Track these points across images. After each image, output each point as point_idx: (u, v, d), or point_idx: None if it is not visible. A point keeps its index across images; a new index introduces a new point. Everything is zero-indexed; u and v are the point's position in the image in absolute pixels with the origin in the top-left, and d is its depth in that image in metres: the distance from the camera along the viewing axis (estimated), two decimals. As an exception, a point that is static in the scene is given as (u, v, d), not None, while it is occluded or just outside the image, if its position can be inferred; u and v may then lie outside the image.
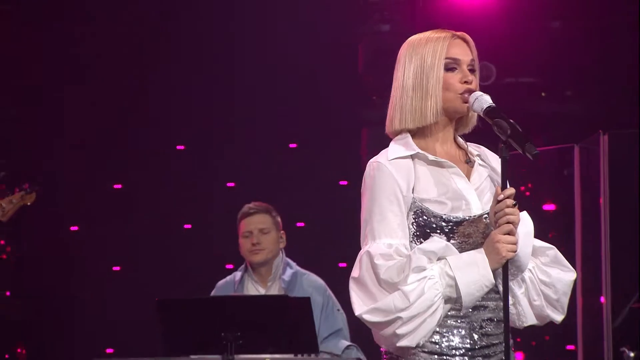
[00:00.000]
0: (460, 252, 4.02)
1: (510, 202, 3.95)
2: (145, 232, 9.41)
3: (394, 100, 4.20)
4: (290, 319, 6.19)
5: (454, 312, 4.01)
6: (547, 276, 4.16)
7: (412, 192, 4.05)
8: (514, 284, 4.04)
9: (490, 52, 8.95)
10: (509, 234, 3.96)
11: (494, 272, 3.99)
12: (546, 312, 4.18)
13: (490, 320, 4.06)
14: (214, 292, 6.98)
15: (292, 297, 6.52)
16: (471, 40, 4.19)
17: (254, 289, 6.86)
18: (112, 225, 9.44)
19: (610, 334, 6.65)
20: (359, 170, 9.26)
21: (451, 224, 4.04)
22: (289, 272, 6.87)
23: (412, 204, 4.04)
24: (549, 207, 7.80)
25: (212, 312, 6.24)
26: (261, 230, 6.81)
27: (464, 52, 4.15)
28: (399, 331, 3.94)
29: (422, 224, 4.04)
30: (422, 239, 4.03)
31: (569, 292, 4.20)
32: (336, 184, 9.26)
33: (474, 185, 4.13)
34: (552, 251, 4.19)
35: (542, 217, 7.26)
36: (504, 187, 3.97)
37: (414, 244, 4.03)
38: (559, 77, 9.07)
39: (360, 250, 4.12)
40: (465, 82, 4.11)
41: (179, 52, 9.35)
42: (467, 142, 4.26)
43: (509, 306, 4.02)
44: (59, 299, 9.43)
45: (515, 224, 3.97)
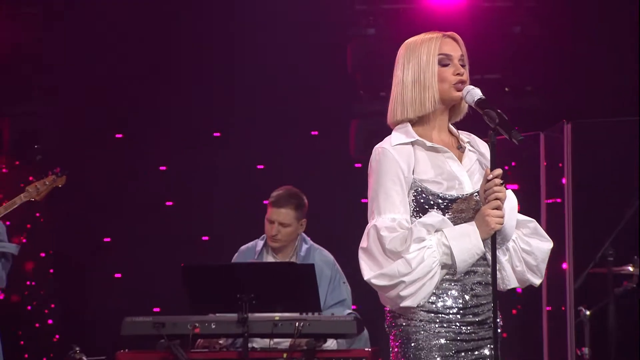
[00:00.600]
0: (454, 225, 4.05)
1: (498, 181, 4.00)
2: (184, 209, 9.44)
3: (395, 94, 4.23)
4: (296, 283, 6.23)
5: (448, 277, 4.05)
6: (528, 245, 4.20)
7: (413, 174, 4.09)
8: (499, 252, 4.06)
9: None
10: (497, 209, 4.00)
11: (484, 241, 4.03)
12: (527, 276, 4.22)
13: (479, 283, 4.10)
14: (236, 256, 6.95)
15: (298, 264, 6.55)
16: (460, 38, 4.26)
17: (271, 258, 6.83)
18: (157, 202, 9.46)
19: (572, 296, 6.67)
20: (348, 154, 9.37)
21: (446, 201, 4.08)
22: (304, 248, 6.85)
23: (412, 183, 4.08)
24: (513, 186, 7.85)
25: (229, 277, 6.28)
26: (282, 224, 6.73)
27: (454, 49, 4.21)
28: (402, 293, 3.97)
29: (421, 201, 4.07)
30: (421, 214, 4.06)
31: (547, 259, 4.25)
32: (328, 164, 9.22)
33: (466, 167, 4.18)
34: (533, 224, 4.23)
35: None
36: (492, 168, 4.01)
37: (414, 218, 4.07)
38: (520, 74, 9.07)
39: (366, 224, 4.14)
40: (457, 74, 4.16)
41: (190, 53, 9.28)
42: (458, 131, 4.29)
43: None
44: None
45: (502, 200, 4.02)
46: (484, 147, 4.27)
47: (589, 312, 6.85)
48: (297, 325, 6.08)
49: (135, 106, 9.42)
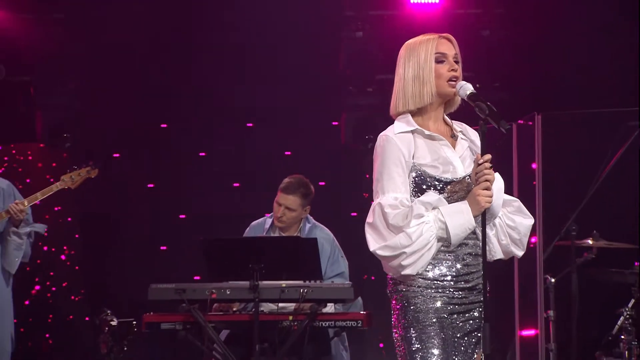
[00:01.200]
0: (449, 204, 4.06)
1: (487, 165, 4.02)
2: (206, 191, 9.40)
3: (397, 89, 4.24)
4: (301, 254, 6.23)
5: (443, 248, 4.06)
6: (512, 221, 4.22)
7: (413, 158, 4.10)
8: (487, 227, 4.06)
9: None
10: (486, 189, 4.01)
11: (475, 218, 4.04)
12: (510, 248, 4.24)
13: (470, 254, 4.12)
14: (247, 230, 6.92)
15: (302, 237, 6.55)
16: (454, 39, 4.26)
17: (278, 234, 6.83)
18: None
19: (541, 266, 6.69)
20: (339, 141, 9.36)
21: (442, 183, 4.10)
22: (307, 227, 6.83)
23: (412, 167, 4.09)
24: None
25: (242, 249, 6.26)
26: (288, 208, 6.69)
27: (449, 48, 4.21)
28: (403, 263, 3.99)
29: (420, 182, 4.09)
30: (419, 194, 4.08)
31: (528, 233, 4.27)
32: (320, 150, 9.21)
33: (459, 153, 4.19)
34: (517, 203, 4.26)
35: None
36: (483, 154, 4.02)
37: (413, 197, 4.08)
38: (489, 71, 9.07)
39: (372, 202, 4.15)
40: (451, 70, 4.16)
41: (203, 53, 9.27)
42: (452, 121, 4.29)
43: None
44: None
45: (491, 182, 4.04)
46: (474, 135, 4.29)
47: (553, 280, 6.87)
48: (301, 291, 6.08)
49: (150, 97, 9.40)
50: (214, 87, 9.23)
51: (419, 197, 4.07)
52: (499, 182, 4.13)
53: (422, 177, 4.08)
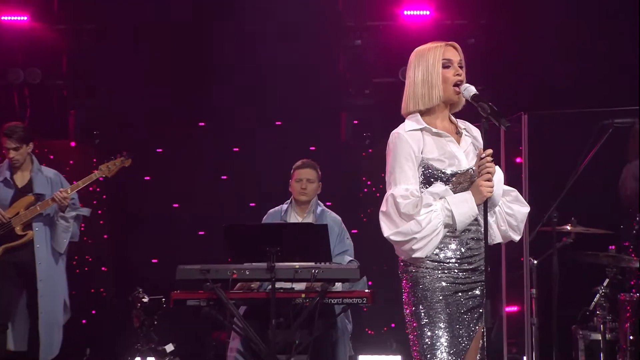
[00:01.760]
0: (454, 194, 4.05)
1: (489, 158, 4.02)
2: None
3: (408, 91, 4.22)
4: (312, 239, 6.21)
5: (449, 234, 4.05)
6: (510, 209, 4.22)
7: (421, 153, 4.09)
8: (488, 215, 4.04)
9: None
10: (488, 181, 4.00)
11: (477, 206, 4.02)
12: (509, 233, 4.23)
13: (472, 239, 4.11)
14: (265, 217, 6.92)
15: (314, 224, 6.53)
16: (459, 46, 4.24)
17: (295, 218, 6.84)
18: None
19: (527, 248, 6.67)
20: (339, 139, 9.33)
21: (448, 175, 4.09)
22: (319, 209, 6.88)
23: (421, 161, 4.08)
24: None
25: (260, 234, 6.25)
26: (308, 180, 6.79)
27: (454, 54, 4.19)
28: (414, 247, 3.98)
29: (428, 175, 4.08)
30: (428, 185, 4.07)
31: (524, 220, 4.27)
32: (323, 148, 9.18)
33: (463, 148, 4.17)
34: (514, 192, 4.26)
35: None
36: (485, 149, 4.01)
37: (422, 188, 4.07)
38: (474, 77, 9.02)
39: (385, 193, 4.15)
40: (457, 74, 4.14)
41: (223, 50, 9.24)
42: (456, 119, 4.28)
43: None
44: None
45: (492, 174, 4.03)
46: (476, 132, 4.29)
47: (536, 262, 6.86)
48: (313, 272, 6.05)
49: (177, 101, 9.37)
50: (231, 90, 9.21)
51: (428, 188, 4.06)
52: (499, 174, 4.12)
53: (430, 170, 4.07)
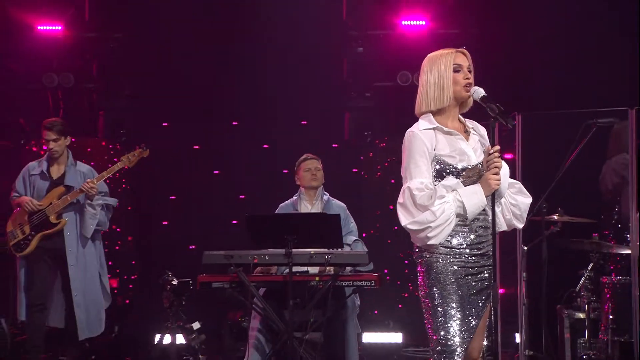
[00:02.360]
0: (465, 186, 4.04)
1: (497, 154, 4.01)
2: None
3: (421, 93, 4.21)
4: (326, 227, 6.20)
5: (460, 222, 4.05)
6: (514, 200, 4.22)
7: (434, 150, 4.08)
8: (495, 205, 4.04)
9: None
10: (495, 174, 4.00)
11: (486, 198, 4.01)
12: (513, 222, 4.24)
13: (481, 227, 4.11)
14: (278, 209, 6.90)
15: (328, 214, 6.53)
16: (468, 53, 4.23)
17: (305, 206, 6.83)
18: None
19: (521, 237, 6.65)
20: (342, 136, 9.31)
21: (459, 169, 4.08)
22: (325, 197, 6.89)
23: (434, 157, 4.08)
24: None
25: (279, 223, 6.23)
26: (316, 167, 6.84)
27: (464, 60, 4.19)
28: (429, 235, 3.98)
29: (440, 169, 4.07)
30: (440, 179, 4.07)
31: (527, 209, 4.27)
32: (329, 145, 9.17)
33: (471, 145, 4.17)
34: (518, 185, 4.26)
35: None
36: (492, 145, 4.00)
37: (435, 182, 4.06)
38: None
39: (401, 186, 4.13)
40: (466, 78, 4.14)
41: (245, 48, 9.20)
42: (465, 119, 4.26)
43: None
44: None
45: (499, 168, 4.02)
46: (483, 130, 4.30)
47: (526, 248, 6.85)
48: (326, 257, 6.05)
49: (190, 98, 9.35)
50: (246, 95, 9.19)
51: (440, 181, 4.06)
52: (505, 168, 4.12)
53: (442, 165, 4.07)
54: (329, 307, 6.18)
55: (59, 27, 9.17)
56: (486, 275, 4.10)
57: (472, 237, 4.08)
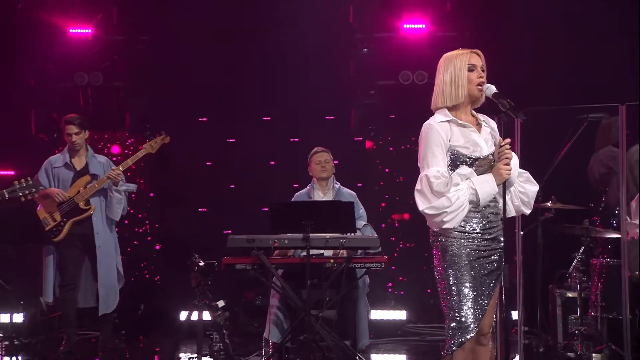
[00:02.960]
0: (478, 175, 4.00)
1: (508, 146, 3.97)
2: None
3: (437, 90, 4.15)
4: (340, 214, 6.18)
5: (473, 208, 4.00)
6: (523, 188, 4.18)
7: (449, 141, 4.03)
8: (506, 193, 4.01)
9: (423, 62, 8.93)
10: (506, 165, 3.95)
11: (497, 186, 3.97)
12: (521, 208, 4.20)
13: (492, 213, 4.07)
14: (294, 198, 6.88)
15: (342, 201, 6.50)
16: (481, 53, 4.17)
17: (318, 195, 6.80)
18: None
19: (519, 222, 6.59)
20: (348, 130, 9.26)
21: (471, 159, 4.03)
22: (336, 186, 6.86)
23: (449, 148, 4.03)
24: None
25: (298, 210, 6.19)
26: (325, 160, 6.81)
27: (478, 60, 4.13)
28: (444, 219, 3.93)
29: (455, 159, 4.03)
30: (454, 168, 4.02)
31: (534, 197, 4.22)
32: (334, 137, 9.08)
33: (483, 137, 4.12)
34: (526, 174, 4.21)
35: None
36: (504, 138, 3.96)
37: (450, 170, 4.01)
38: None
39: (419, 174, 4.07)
40: (479, 77, 4.09)
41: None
42: (477, 113, 4.22)
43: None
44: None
45: (509, 159, 3.98)
46: (493, 123, 4.25)
47: (522, 232, 6.80)
48: (340, 241, 6.04)
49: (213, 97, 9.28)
50: (262, 92, 9.14)
51: (455, 170, 4.01)
52: (515, 159, 4.08)
53: (456, 155, 4.02)
54: (342, 287, 6.15)
55: (89, 31, 9.17)
56: (496, 257, 4.06)
57: (483, 222, 4.03)
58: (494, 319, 4.18)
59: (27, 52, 9.00)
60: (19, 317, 7.46)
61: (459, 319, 3.95)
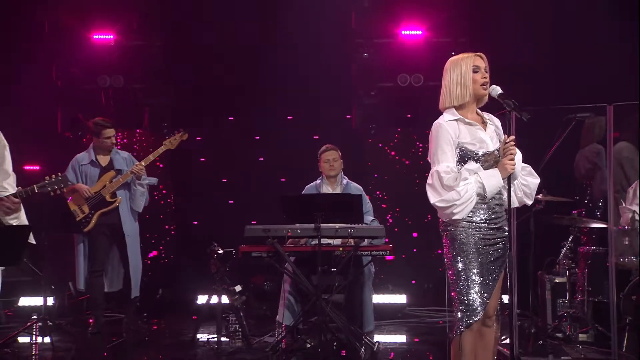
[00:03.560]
0: (484, 170, 3.98)
1: (512, 142, 3.95)
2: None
3: (444, 91, 4.14)
4: (349, 205, 6.14)
5: (479, 200, 4.00)
6: (525, 181, 4.16)
7: (458, 139, 4.01)
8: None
9: (419, 66, 8.91)
10: (511, 160, 3.94)
11: (503, 179, 3.96)
12: (524, 200, 4.18)
13: (497, 204, 4.07)
14: (305, 190, 6.80)
15: (351, 194, 6.47)
16: (485, 56, 4.14)
17: (327, 190, 6.75)
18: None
19: (514, 213, 6.56)
20: (351, 128, 9.23)
21: (478, 155, 4.02)
22: (345, 180, 6.80)
23: (457, 145, 4.01)
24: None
25: (309, 202, 6.16)
26: (334, 159, 6.72)
27: (482, 62, 4.12)
28: (454, 211, 3.92)
29: (463, 155, 4.01)
30: (462, 163, 4.01)
31: (536, 188, 4.20)
32: (337, 134, 9.03)
33: (488, 134, 4.11)
34: (528, 168, 4.20)
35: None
36: (509, 135, 3.95)
37: (459, 166, 3.99)
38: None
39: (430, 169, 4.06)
40: (483, 78, 4.08)
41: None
42: (481, 112, 4.20)
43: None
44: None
45: (514, 154, 3.96)
46: (497, 121, 4.23)
47: (515, 223, 6.78)
48: (349, 231, 6.01)
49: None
50: (273, 93, 9.08)
51: (463, 165, 3.99)
52: (518, 154, 4.06)
53: (464, 152, 4.01)
54: (350, 273, 6.14)
55: (111, 36, 9.16)
56: (501, 245, 4.05)
57: (489, 213, 4.02)
58: (499, 302, 4.16)
59: (54, 56, 9.04)
60: (50, 301, 7.45)
61: (467, 302, 3.94)
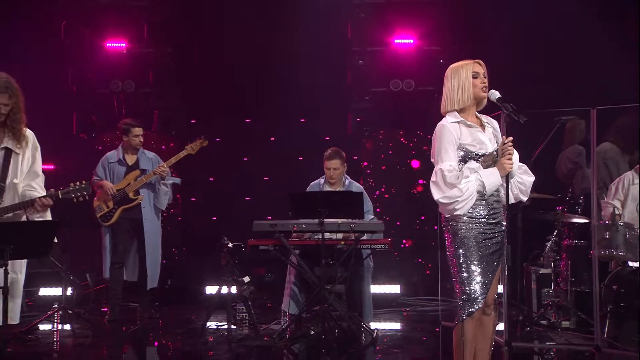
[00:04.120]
0: (484, 169, 3.98)
1: (510, 143, 3.94)
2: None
3: (446, 95, 4.12)
4: (351, 202, 6.13)
5: (479, 197, 3.98)
6: (521, 179, 4.15)
7: (459, 140, 4.00)
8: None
9: (411, 72, 8.91)
10: (509, 160, 3.93)
11: (501, 178, 3.96)
12: (519, 196, 4.17)
13: (495, 201, 4.06)
14: (309, 187, 6.77)
15: (353, 192, 6.44)
16: (483, 63, 4.14)
17: (329, 189, 6.70)
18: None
19: (505, 210, 6.59)
20: (345, 130, 9.19)
21: (478, 156, 4.01)
22: (347, 181, 6.76)
23: (459, 145, 4.00)
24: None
25: (314, 199, 6.14)
26: (335, 168, 6.63)
27: (480, 68, 4.11)
28: (456, 207, 3.92)
29: (464, 155, 4.01)
30: (464, 163, 4.00)
31: (530, 186, 4.19)
32: (334, 136, 9.02)
33: (487, 136, 4.10)
34: (524, 166, 4.19)
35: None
36: (507, 136, 3.95)
37: (460, 165, 3.98)
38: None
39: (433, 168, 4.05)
40: (483, 83, 4.07)
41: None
42: (481, 114, 4.19)
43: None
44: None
45: (512, 154, 3.96)
46: (495, 124, 4.22)
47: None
48: (351, 226, 6.01)
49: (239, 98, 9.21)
50: (275, 97, 9.04)
51: (464, 165, 3.99)
52: (516, 155, 4.05)
53: (466, 152, 4.00)
54: (351, 265, 6.13)
55: (123, 44, 9.16)
56: (499, 239, 4.05)
57: (488, 209, 4.02)
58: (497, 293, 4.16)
59: (70, 62, 9.02)
60: (69, 291, 7.42)
61: (468, 292, 3.94)
